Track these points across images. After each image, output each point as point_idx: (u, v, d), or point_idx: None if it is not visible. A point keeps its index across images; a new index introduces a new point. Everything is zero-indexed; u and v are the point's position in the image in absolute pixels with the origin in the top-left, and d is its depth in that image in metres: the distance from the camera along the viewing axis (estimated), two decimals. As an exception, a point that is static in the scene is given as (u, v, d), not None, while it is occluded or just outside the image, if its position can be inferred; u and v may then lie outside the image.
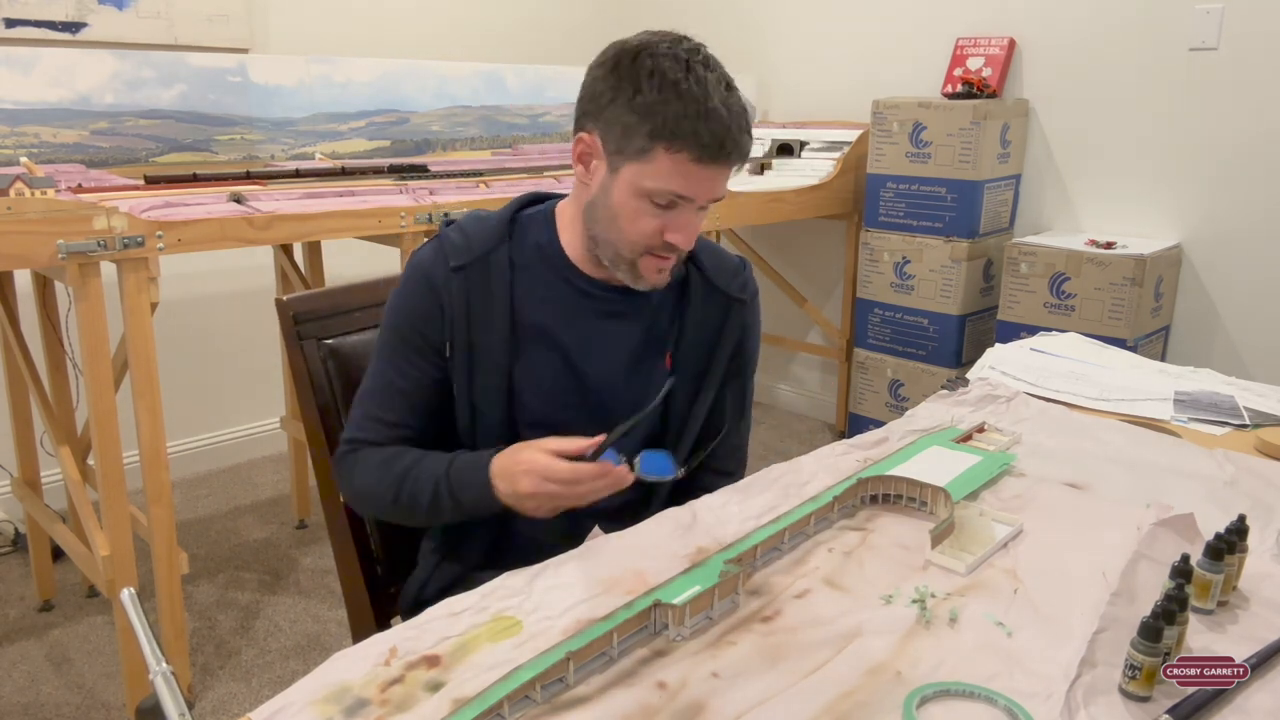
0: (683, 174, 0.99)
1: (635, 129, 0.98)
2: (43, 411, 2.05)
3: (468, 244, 1.10)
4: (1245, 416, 1.31)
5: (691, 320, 1.17)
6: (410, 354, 1.10)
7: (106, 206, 1.61)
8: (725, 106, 0.97)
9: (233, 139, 2.34)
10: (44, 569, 2.24)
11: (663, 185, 1.00)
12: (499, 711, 0.68)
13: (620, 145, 1.01)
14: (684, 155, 0.98)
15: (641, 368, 1.16)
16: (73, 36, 2.52)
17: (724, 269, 1.20)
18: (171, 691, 0.61)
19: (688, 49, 1.00)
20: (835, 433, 3.44)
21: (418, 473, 1.07)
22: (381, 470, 1.09)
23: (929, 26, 3.04)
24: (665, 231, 1.03)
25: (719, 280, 1.19)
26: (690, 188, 1.00)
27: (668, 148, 0.98)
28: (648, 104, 0.97)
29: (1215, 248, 2.58)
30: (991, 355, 1.57)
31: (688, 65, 0.98)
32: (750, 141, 1.02)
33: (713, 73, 0.99)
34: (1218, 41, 2.48)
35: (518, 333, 1.11)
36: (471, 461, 1.05)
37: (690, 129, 0.96)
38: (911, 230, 2.87)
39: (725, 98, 0.98)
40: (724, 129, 0.97)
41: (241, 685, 1.97)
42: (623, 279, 1.09)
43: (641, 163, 1.00)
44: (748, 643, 0.78)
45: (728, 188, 1.06)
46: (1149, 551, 0.89)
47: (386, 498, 1.09)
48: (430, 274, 1.09)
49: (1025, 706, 0.69)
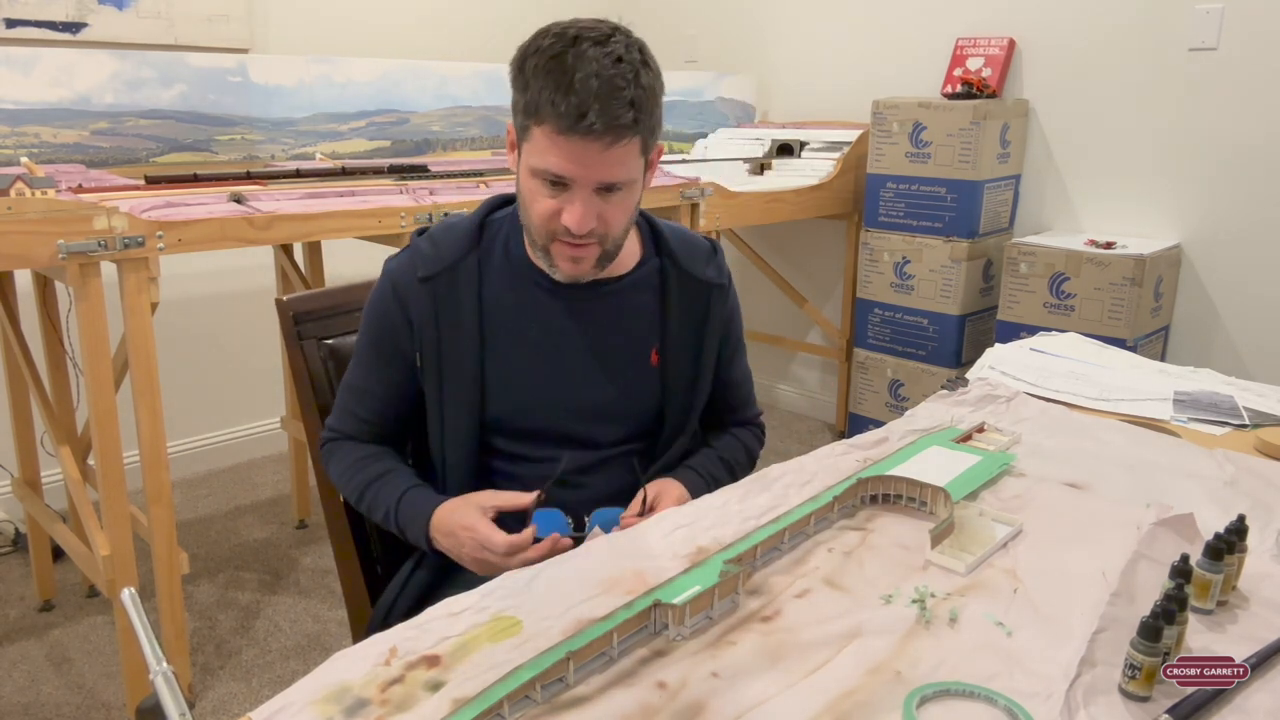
0: (555, 149, 0.97)
1: (519, 109, 1.00)
2: (43, 411, 2.05)
3: (437, 254, 1.11)
4: (1245, 416, 1.31)
5: (674, 313, 1.17)
6: (382, 362, 1.15)
7: (107, 206, 1.61)
8: (596, 77, 0.94)
9: (233, 139, 2.34)
10: (44, 569, 2.24)
11: (539, 162, 0.99)
12: (499, 711, 0.68)
13: (518, 130, 1.03)
14: (548, 128, 0.97)
15: (627, 366, 1.15)
16: (73, 36, 2.52)
17: (696, 256, 1.20)
18: (172, 691, 0.61)
19: (590, 33, 0.97)
20: (835, 433, 3.44)
21: (378, 489, 1.14)
22: (352, 472, 1.16)
23: (929, 26, 3.04)
24: (561, 214, 1.02)
25: (693, 268, 1.18)
26: (564, 165, 0.98)
27: (537, 123, 0.98)
28: (525, 83, 0.98)
29: (1215, 248, 2.58)
30: (991, 355, 1.57)
31: (574, 41, 0.96)
32: (635, 113, 0.97)
33: (604, 49, 0.96)
34: (1218, 41, 2.48)
35: (487, 338, 1.12)
36: (420, 505, 1.10)
37: (549, 100, 0.95)
38: (911, 230, 2.87)
39: (602, 70, 0.94)
40: (587, 98, 0.94)
41: (241, 685, 1.97)
42: (545, 269, 1.10)
43: (527, 142, 1.01)
44: (748, 643, 0.78)
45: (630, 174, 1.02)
46: (1149, 551, 0.89)
47: (353, 498, 1.17)
48: (398, 284, 1.11)
49: (1025, 706, 0.69)
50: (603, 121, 0.95)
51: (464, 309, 1.10)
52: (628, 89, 0.96)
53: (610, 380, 1.15)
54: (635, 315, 1.16)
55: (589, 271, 1.08)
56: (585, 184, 1.00)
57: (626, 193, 1.03)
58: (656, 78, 1.02)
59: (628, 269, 1.16)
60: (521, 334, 1.12)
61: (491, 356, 1.12)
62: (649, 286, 1.17)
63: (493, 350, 1.12)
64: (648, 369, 1.17)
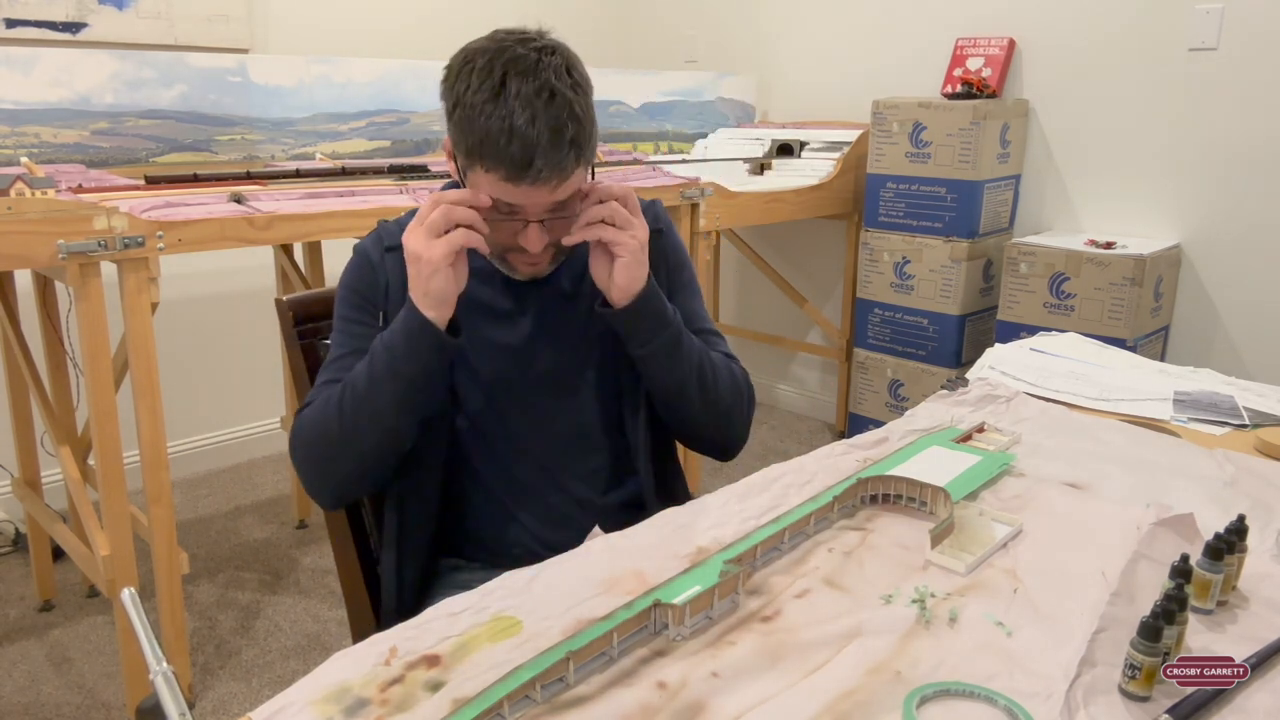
0: (503, 191, 0.99)
1: (459, 144, 1.01)
2: (43, 411, 2.05)
3: (400, 228, 1.14)
4: (1245, 416, 1.31)
5: None
6: (359, 318, 1.13)
7: (107, 206, 1.61)
8: (534, 122, 0.95)
9: (233, 139, 2.34)
10: (44, 569, 2.24)
11: (491, 197, 1.01)
12: (499, 711, 0.68)
13: (458, 155, 1.04)
14: (496, 175, 0.98)
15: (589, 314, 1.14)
16: (73, 36, 2.52)
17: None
18: (172, 691, 0.61)
19: (518, 63, 0.97)
20: (835, 433, 3.44)
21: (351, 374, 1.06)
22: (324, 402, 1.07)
23: (929, 26, 3.04)
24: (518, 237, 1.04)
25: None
26: (518, 199, 1.00)
27: (482, 167, 0.99)
28: (462, 122, 0.98)
29: (1215, 248, 2.58)
30: (991, 355, 1.57)
31: (503, 79, 0.96)
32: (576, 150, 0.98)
33: (531, 82, 0.96)
34: (1218, 41, 2.48)
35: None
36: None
37: (494, 149, 0.96)
38: (911, 230, 2.87)
39: (537, 112, 0.95)
40: (530, 148, 0.95)
41: (241, 685, 1.97)
42: (505, 271, 1.13)
43: (472, 174, 1.02)
44: (748, 643, 0.78)
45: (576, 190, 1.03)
46: (1149, 551, 0.89)
47: (332, 421, 1.05)
48: (368, 253, 1.15)
49: (1025, 706, 0.69)
50: (549, 169, 0.97)
51: None
52: (566, 129, 0.97)
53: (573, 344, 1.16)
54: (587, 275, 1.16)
55: (547, 269, 1.12)
56: (535, 213, 1.02)
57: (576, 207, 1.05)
58: (587, 93, 1.02)
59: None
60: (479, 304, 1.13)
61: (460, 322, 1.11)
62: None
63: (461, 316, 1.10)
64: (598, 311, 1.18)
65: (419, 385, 1.04)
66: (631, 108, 3.25)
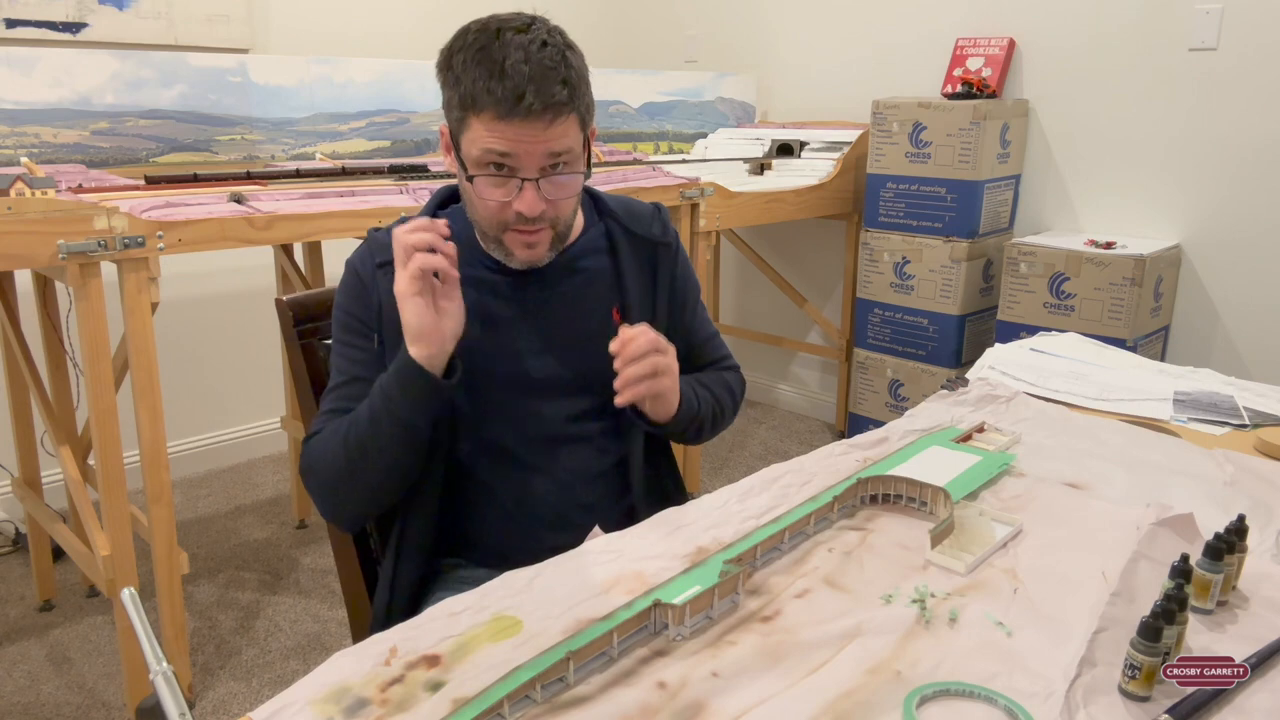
0: (496, 134, 0.99)
1: (453, 105, 1.02)
2: (43, 411, 2.05)
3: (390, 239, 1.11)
4: (1245, 416, 1.31)
5: (627, 269, 1.18)
6: (354, 340, 1.13)
7: (107, 206, 1.61)
8: (527, 61, 0.97)
9: (233, 139, 2.34)
10: (44, 569, 2.24)
11: (482, 148, 1.00)
12: (499, 711, 0.68)
13: (453, 126, 1.05)
14: (488, 115, 0.98)
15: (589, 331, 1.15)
16: (73, 37, 2.52)
17: (639, 217, 1.22)
18: (172, 691, 0.61)
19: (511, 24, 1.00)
20: (835, 433, 3.44)
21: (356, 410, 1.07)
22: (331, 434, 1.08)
23: (929, 26, 3.04)
24: (512, 202, 1.03)
25: (637, 227, 1.20)
26: (508, 145, 0.99)
27: (475, 113, 0.99)
28: (456, 78, 1.00)
29: (1215, 248, 2.58)
30: (991, 355, 1.57)
31: (497, 33, 0.99)
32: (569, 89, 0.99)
33: (527, 36, 0.99)
34: (1217, 41, 2.48)
35: None
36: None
37: (485, 89, 0.97)
38: (911, 230, 2.87)
39: (531, 54, 0.97)
40: (521, 81, 0.96)
41: (242, 685, 1.97)
42: (501, 259, 1.11)
43: (465, 135, 1.02)
44: (748, 642, 0.78)
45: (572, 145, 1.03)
46: (1148, 551, 0.89)
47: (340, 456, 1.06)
48: (359, 270, 1.14)
49: (1025, 706, 0.69)
50: (540, 100, 0.97)
51: None
52: (558, 68, 0.99)
53: (577, 349, 1.15)
54: (590, 279, 1.17)
55: (544, 255, 1.10)
56: (531, 166, 1.01)
57: (575, 170, 1.05)
58: (583, 61, 1.04)
59: (573, 238, 1.18)
60: (477, 311, 1.11)
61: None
62: (598, 249, 1.19)
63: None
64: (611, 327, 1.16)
65: (418, 426, 1.05)
66: (631, 108, 3.25)
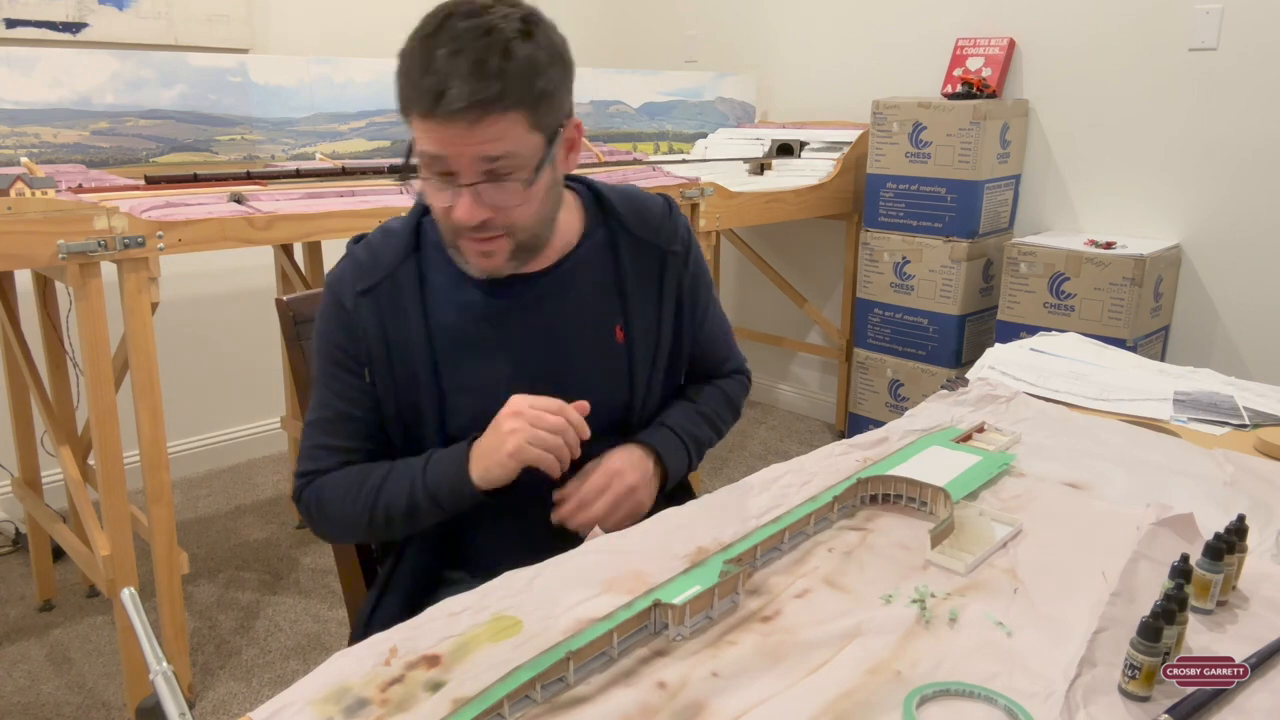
0: (426, 135, 0.92)
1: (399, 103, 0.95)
2: (43, 411, 2.05)
3: (374, 262, 1.06)
4: (1245, 416, 1.31)
5: (631, 282, 1.11)
6: (343, 375, 1.07)
7: (107, 206, 1.61)
8: (458, 52, 0.88)
9: (233, 139, 2.34)
10: (44, 569, 2.24)
11: (419, 150, 0.94)
12: (499, 711, 0.68)
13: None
14: (416, 114, 0.91)
15: (591, 351, 1.10)
16: (73, 37, 2.52)
17: (647, 218, 1.13)
18: (172, 691, 0.61)
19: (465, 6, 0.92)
20: (835, 433, 3.44)
21: (391, 480, 1.03)
22: (353, 490, 1.04)
23: (929, 26, 3.04)
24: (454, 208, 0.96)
25: (643, 232, 1.12)
26: (438, 147, 0.92)
27: (407, 112, 0.93)
28: (398, 72, 0.93)
29: (1215, 248, 2.58)
30: (991, 355, 1.57)
31: (444, 20, 0.91)
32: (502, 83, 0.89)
33: (476, 21, 0.90)
34: (1217, 41, 2.48)
35: (437, 345, 1.06)
36: (452, 451, 1.02)
37: (411, 84, 0.91)
38: (911, 230, 2.87)
39: (466, 43, 0.88)
40: (446, 75, 0.88)
41: (242, 685, 1.97)
42: (462, 266, 1.03)
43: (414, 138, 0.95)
44: (748, 642, 0.78)
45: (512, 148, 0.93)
46: (1148, 551, 0.89)
47: (362, 520, 1.04)
48: (340, 297, 1.06)
49: (1025, 706, 0.69)
50: (463, 96, 0.88)
51: (410, 319, 1.05)
52: (491, 59, 0.88)
53: (575, 369, 1.09)
54: (590, 293, 1.09)
55: (504, 266, 1.01)
56: (466, 170, 0.93)
57: (521, 176, 0.95)
58: (542, 48, 0.93)
59: (571, 246, 1.10)
60: (473, 337, 1.06)
61: (446, 365, 1.06)
62: (599, 259, 1.10)
63: (446, 358, 1.06)
64: (614, 348, 1.11)
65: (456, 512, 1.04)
66: (631, 108, 3.25)
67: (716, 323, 1.24)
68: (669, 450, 1.13)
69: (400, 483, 1.03)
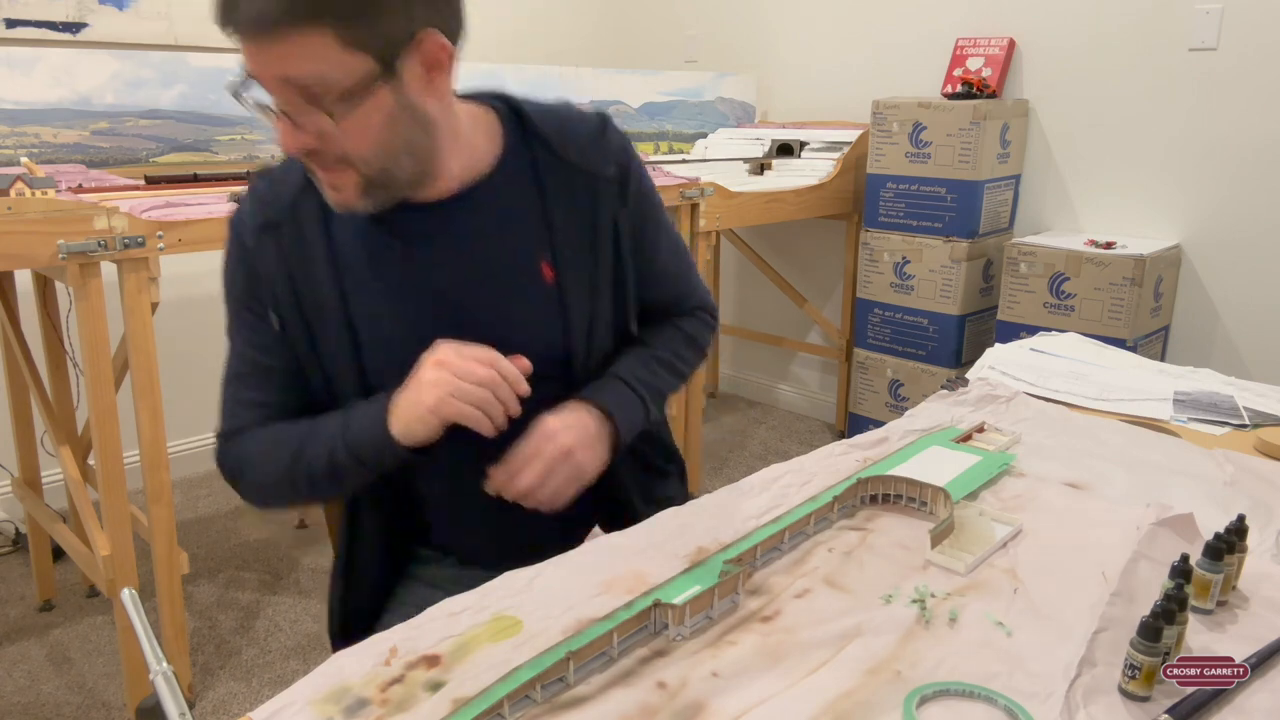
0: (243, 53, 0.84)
1: None
2: (43, 411, 2.05)
3: (274, 194, 0.98)
4: (1245, 416, 1.31)
5: (560, 213, 0.99)
6: (254, 321, 0.99)
7: (107, 206, 1.61)
8: None
9: (233, 139, 2.34)
10: (44, 569, 2.24)
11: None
12: (499, 711, 0.68)
13: None
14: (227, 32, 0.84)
15: (513, 288, 0.99)
16: (73, 37, 2.52)
17: (573, 139, 1.00)
18: (172, 691, 0.61)
19: None
20: (835, 433, 3.45)
21: (313, 437, 0.95)
22: (273, 449, 0.97)
23: (929, 26, 3.04)
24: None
25: (572, 155, 1.00)
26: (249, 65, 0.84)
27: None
28: None
29: (1215, 248, 2.58)
30: (991, 355, 1.57)
31: None
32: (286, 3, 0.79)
33: None
34: (1217, 41, 2.48)
35: (346, 280, 0.97)
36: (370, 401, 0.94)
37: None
38: (911, 230, 2.87)
39: None
40: None
41: (242, 685, 1.97)
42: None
43: None
44: (748, 642, 0.78)
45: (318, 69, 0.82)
46: (1148, 551, 0.89)
47: (284, 481, 0.97)
48: (242, 236, 0.98)
49: (1025, 706, 0.69)
50: (252, 8, 0.79)
51: (314, 252, 0.96)
52: None
53: (495, 309, 0.99)
54: (507, 224, 0.99)
55: (357, 201, 0.90)
56: (276, 93, 0.84)
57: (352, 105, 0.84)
58: None
59: (482, 173, 0.98)
60: (382, 273, 0.97)
61: (353, 292, 0.97)
62: (520, 186, 0.99)
63: (353, 286, 0.97)
64: (543, 287, 1.00)
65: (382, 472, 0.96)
66: (631, 108, 3.25)
67: (672, 256, 1.11)
68: (619, 404, 1.02)
69: (321, 439, 0.95)
